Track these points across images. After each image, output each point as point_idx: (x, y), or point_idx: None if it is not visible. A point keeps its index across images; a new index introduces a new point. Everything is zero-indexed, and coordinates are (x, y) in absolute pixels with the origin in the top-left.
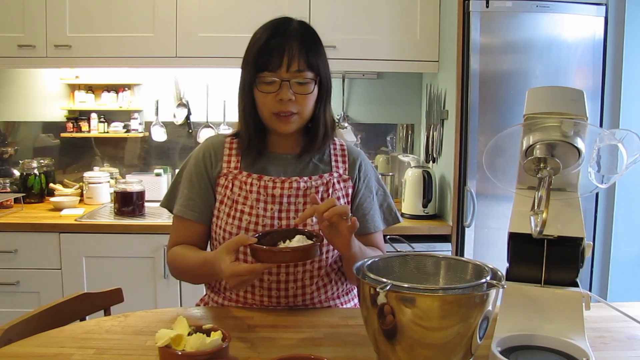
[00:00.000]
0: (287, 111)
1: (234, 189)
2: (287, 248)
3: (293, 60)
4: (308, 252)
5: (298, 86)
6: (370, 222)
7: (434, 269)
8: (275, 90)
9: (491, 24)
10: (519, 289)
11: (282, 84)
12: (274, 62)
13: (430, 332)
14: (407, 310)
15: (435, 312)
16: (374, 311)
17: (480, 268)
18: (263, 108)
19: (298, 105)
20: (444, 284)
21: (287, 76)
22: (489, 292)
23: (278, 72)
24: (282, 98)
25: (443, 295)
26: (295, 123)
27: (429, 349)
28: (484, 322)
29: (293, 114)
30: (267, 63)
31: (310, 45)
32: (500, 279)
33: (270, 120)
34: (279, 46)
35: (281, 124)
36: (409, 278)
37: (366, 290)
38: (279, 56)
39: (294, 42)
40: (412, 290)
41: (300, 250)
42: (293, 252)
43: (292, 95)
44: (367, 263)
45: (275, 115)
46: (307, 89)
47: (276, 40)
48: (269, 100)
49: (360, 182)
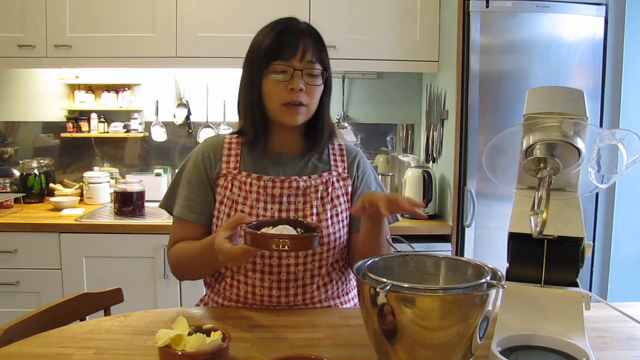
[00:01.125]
0: (297, 101)
1: (234, 190)
2: (283, 235)
3: (307, 50)
4: (303, 242)
5: (309, 77)
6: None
7: (434, 269)
8: (287, 80)
9: (491, 24)
10: (519, 289)
11: (295, 73)
12: (287, 52)
13: (430, 332)
14: (407, 310)
15: (435, 312)
16: (374, 311)
17: (480, 268)
18: (272, 98)
19: (307, 96)
20: (444, 284)
21: (299, 66)
22: (489, 292)
23: (291, 61)
24: (294, 87)
25: (443, 295)
26: (302, 115)
27: (429, 349)
28: (484, 322)
29: (302, 105)
30: (280, 52)
31: (320, 41)
32: (500, 279)
33: (278, 112)
34: (293, 37)
35: (289, 115)
36: (409, 278)
37: (366, 290)
38: (293, 46)
39: (306, 35)
40: (412, 290)
41: (296, 239)
42: (291, 240)
43: (303, 85)
44: (367, 263)
45: (284, 105)
46: (317, 80)
47: (289, 33)
48: (280, 90)
49: (358, 180)
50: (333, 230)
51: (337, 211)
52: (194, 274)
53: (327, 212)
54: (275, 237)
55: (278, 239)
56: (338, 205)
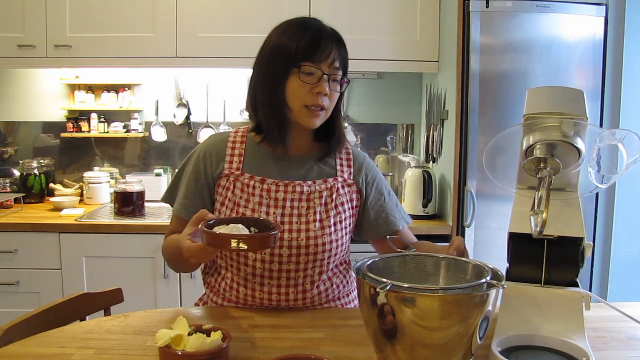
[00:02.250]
0: (320, 105)
1: (236, 191)
2: (233, 235)
3: (337, 57)
4: (256, 242)
5: (333, 83)
6: (393, 220)
7: (434, 269)
8: (313, 83)
9: (491, 24)
10: (519, 289)
11: (323, 77)
12: (320, 55)
13: (430, 332)
14: (407, 310)
15: (435, 312)
16: (374, 311)
17: (480, 268)
18: (296, 99)
19: (329, 101)
20: (444, 284)
21: (328, 70)
22: (489, 292)
23: (321, 65)
24: (320, 91)
25: (443, 295)
26: (321, 118)
27: (429, 349)
28: (484, 322)
29: (323, 109)
30: (313, 54)
31: (344, 48)
32: (500, 278)
33: (299, 113)
34: (327, 42)
35: (310, 118)
36: (409, 278)
37: (366, 290)
38: (327, 50)
39: (334, 41)
40: (412, 290)
41: (253, 239)
42: (249, 240)
43: (328, 90)
44: (367, 263)
45: (306, 107)
46: (338, 87)
47: (324, 37)
48: (305, 92)
49: (368, 187)
50: (336, 237)
51: (341, 218)
52: (182, 267)
53: (331, 218)
54: (225, 237)
55: (229, 238)
56: (342, 212)
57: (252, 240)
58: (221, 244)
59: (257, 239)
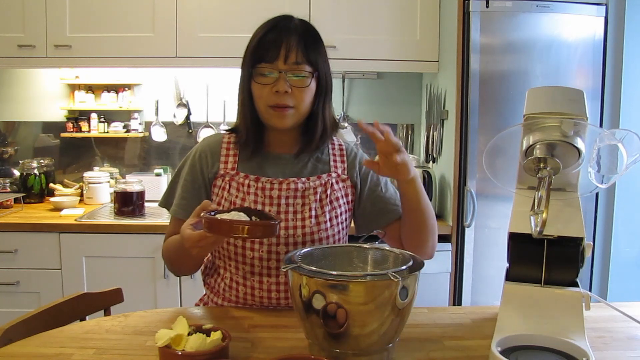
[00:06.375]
0: (283, 104)
1: (231, 191)
2: (235, 220)
3: (290, 52)
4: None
5: (295, 79)
6: (393, 208)
7: (362, 259)
8: (272, 83)
9: (491, 24)
10: (519, 289)
11: (279, 75)
12: (271, 54)
13: (354, 316)
14: (333, 296)
15: (360, 296)
16: (297, 294)
17: (403, 257)
18: (259, 101)
19: (294, 99)
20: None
21: (284, 68)
22: (400, 278)
23: (275, 64)
24: (278, 90)
25: (363, 281)
26: (291, 117)
27: (356, 331)
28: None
29: (289, 108)
30: (264, 55)
31: (310, 40)
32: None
33: (266, 114)
34: (276, 39)
35: (277, 118)
36: (338, 268)
37: (295, 279)
38: (276, 48)
39: (292, 35)
40: (337, 278)
41: (256, 225)
42: (251, 226)
43: (288, 88)
44: (298, 253)
45: (271, 108)
46: (303, 82)
47: (274, 33)
48: (266, 93)
49: (363, 180)
50: (332, 233)
51: (337, 213)
52: (183, 267)
53: (326, 214)
54: (227, 222)
55: (231, 223)
56: (337, 207)
57: (255, 227)
58: (223, 230)
59: (259, 226)
